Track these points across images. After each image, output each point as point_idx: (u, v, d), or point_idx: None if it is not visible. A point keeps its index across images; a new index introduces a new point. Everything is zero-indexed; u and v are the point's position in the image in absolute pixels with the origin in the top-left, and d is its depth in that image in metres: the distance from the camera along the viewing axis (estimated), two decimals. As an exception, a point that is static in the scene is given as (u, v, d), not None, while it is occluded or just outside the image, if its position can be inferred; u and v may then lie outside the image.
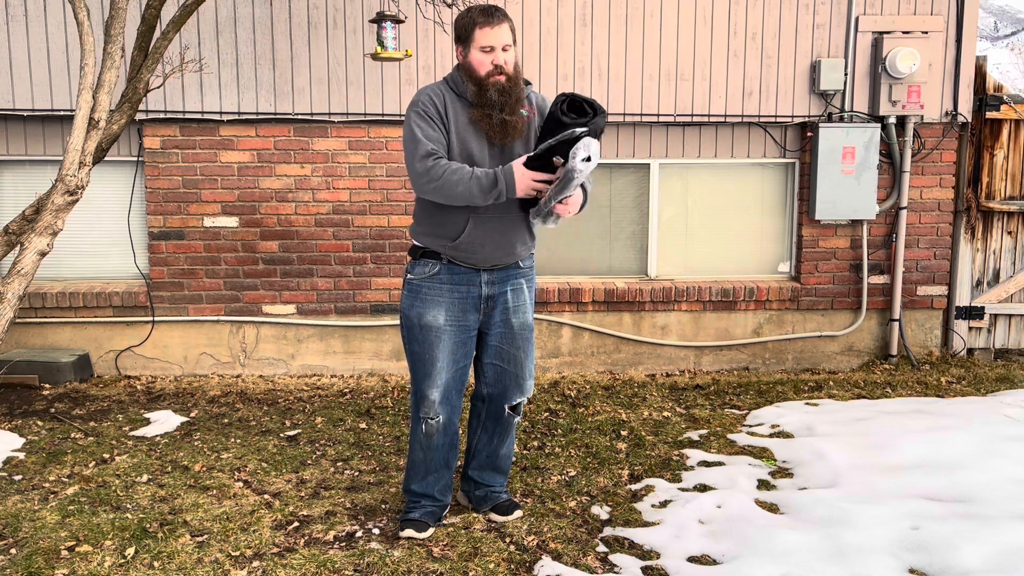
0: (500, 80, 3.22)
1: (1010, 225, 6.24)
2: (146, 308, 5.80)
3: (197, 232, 5.78)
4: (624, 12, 5.75)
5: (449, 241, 3.32)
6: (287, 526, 3.59)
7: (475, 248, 3.32)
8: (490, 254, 3.35)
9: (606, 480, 4.08)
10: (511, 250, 3.39)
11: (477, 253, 3.33)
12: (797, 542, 3.36)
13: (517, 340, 3.50)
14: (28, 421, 4.86)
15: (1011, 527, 3.38)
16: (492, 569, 3.24)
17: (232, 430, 4.78)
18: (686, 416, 5.05)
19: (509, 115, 3.23)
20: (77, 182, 4.14)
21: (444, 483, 3.56)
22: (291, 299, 5.88)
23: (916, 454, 4.17)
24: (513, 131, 3.26)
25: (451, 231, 3.30)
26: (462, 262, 3.35)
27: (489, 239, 3.32)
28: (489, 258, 3.36)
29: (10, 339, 5.76)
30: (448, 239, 3.32)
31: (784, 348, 6.17)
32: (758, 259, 6.26)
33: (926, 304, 6.21)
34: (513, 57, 3.27)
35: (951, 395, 5.42)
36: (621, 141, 5.97)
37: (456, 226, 3.29)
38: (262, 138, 5.73)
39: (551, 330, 6.02)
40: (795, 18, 5.84)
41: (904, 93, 5.81)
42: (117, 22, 4.21)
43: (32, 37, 5.53)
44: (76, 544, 3.39)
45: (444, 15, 5.43)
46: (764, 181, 6.18)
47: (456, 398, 3.46)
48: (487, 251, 3.34)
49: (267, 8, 5.58)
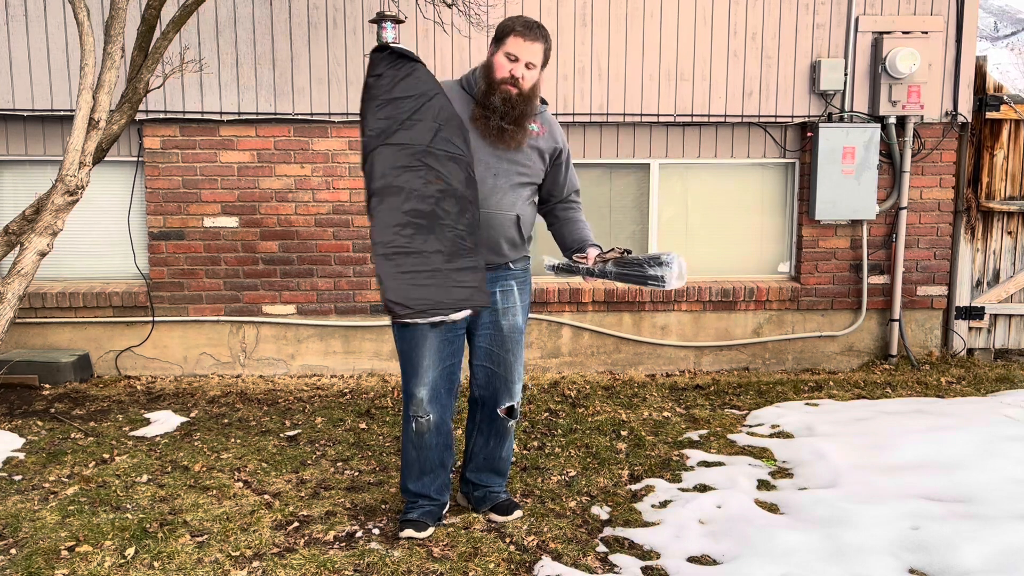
0: (510, 90, 3.24)
1: (1010, 225, 6.24)
2: (146, 308, 5.80)
3: (197, 232, 5.78)
4: (624, 12, 5.75)
5: None
6: (287, 526, 3.59)
7: None
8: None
9: (606, 480, 4.08)
10: (498, 249, 3.39)
11: None
12: (797, 542, 3.36)
13: (506, 343, 3.50)
14: (28, 421, 4.86)
15: (1011, 527, 3.38)
16: (492, 569, 3.24)
17: (232, 430, 4.78)
18: (686, 416, 5.05)
19: (509, 125, 3.24)
20: (77, 182, 4.14)
21: (441, 482, 3.56)
22: (291, 299, 5.88)
23: (916, 454, 4.17)
24: (511, 140, 3.28)
25: None
26: None
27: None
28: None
29: (10, 339, 5.76)
30: None
31: (784, 348, 6.17)
32: (758, 259, 6.26)
33: (926, 304, 6.22)
34: (534, 76, 3.29)
35: (951, 395, 5.42)
36: (621, 141, 5.97)
37: None
38: (262, 138, 5.73)
39: (551, 330, 6.02)
40: (795, 18, 5.84)
41: (904, 93, 5.81)
42: (117, 22, 4.20)
43: (32, 37, 5.53)
44: (76, 544, 3.39)
45: (444, 15, 5.44)
46: (764, 181, 6.18)
47: (446, 397, 3.46)
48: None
49: (267, 8, 5.58)
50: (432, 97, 3.20)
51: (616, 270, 3.23)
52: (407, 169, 3.14)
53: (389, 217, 3.10)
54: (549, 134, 3.43)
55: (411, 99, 3.18)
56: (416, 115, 3.18)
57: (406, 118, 3.17)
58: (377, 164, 3.14)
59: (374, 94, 3.19)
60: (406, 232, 3.10)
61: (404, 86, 3.19)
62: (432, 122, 3.18)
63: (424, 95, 3.19)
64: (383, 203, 3.11)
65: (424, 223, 3.13)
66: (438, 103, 3.20)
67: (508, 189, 3.35)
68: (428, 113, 3.18)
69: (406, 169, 3.13)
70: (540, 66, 3.31)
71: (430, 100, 3.19)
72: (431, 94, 3.20)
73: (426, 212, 3.13)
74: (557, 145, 3.46)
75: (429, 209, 3.13)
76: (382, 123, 3.17)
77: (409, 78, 3.19)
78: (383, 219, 3.09)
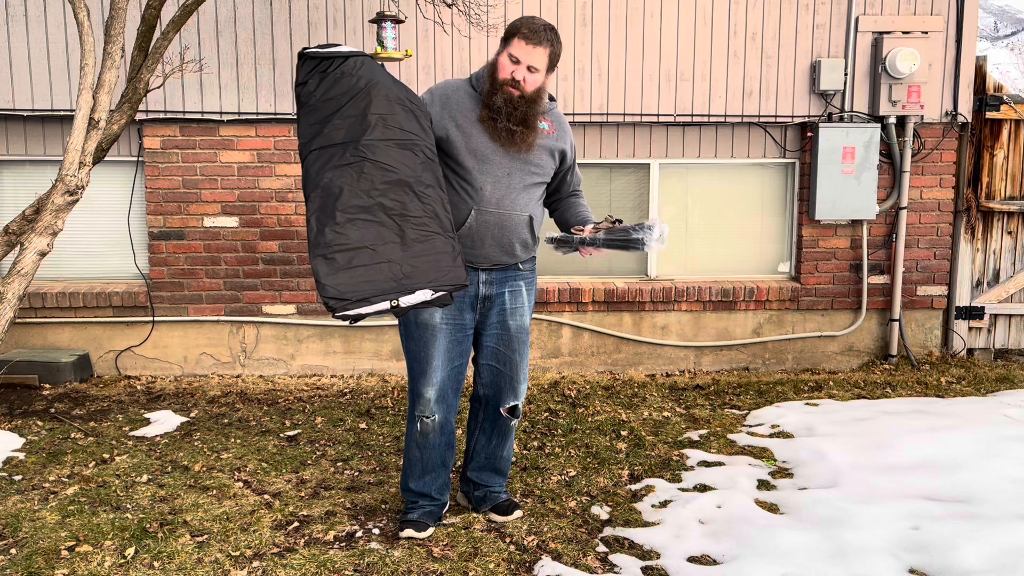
0: (512, 92, 3.24)
1: (1010, 225, 6.24)
2: (146, 308, 5.80)
3: (197, 232, 5.78)
4: (624, 12, 5.75)
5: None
6: (287, 526, 3.59)
7: (475, 242, 3.33)
8: (489, 251, 3.35)
9: (606, 480, 4.08)
10: (511, 250, 3.40)
11: (477, 248, 3.34)
12: (797, 542, 3.36)
13: (513, 343, 3.50)
14: (28, 421, 4.86)
15: (1011, 527, 3.38)
16: (492, 569, 3.24)
17: (232, 430, 4.78)
18: (686, 416, 5.05)
19: (516, 126, 3.24)
20: (77, 182, 4.14)
21: (441, 482, 3.57)
22: (291, 299, 5.88)
23: (916, 454, 4.17)
24: (521, 143, 3.28)
25: (455, 220, 3.31)
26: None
27: (489, 233, 3.32)
28: (488, 256, 3.36)
29: (10, 339, 5.76)
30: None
31: (784, 348, 6.17)
32: (758, 259, 6.26)
33: (926, 304, 6.22)
34: (538, 80, 3.28)
35: (951, 395, 5.42)
36: (621, 141, 5.97)
37: (459, 215, 3.30)
38: (262, 138, 5.73)
39: (551, 330, 6.02)
40: (795, 18, 5.84)
41: (904, 93, 5.81)
42: (117, 22, 4.20)
43: (32, 37, 5.53)
44: (76, 544, 3.39)
45: (444, 15, 5.44)
46: (764, 181, 6.18)
47: (452, 397, 3.46)
48: (487, 247, 3.34)
49: (267, 8, 5.58)
50: (367, 89, 3.13)
51: (605, 237, 3.28)
52: (339, 167, 3.08)
53: (324, 218, 3.05)
54: (558, 133, 3.44)
55: (339, 98, 3.13)
56: (346, 112, 3.11)
57: (335, 118, 3.12)
58: (310, 169, 3.12)
59: (302, 102, 3.17)
60: (345, 229, 3.03)
61: (330, 88, 3.14)
62: (369, 115, 3.11)
63: (355, 91, 3.12)
64: (317, 206, 3.07)
65: (368, 218, 3.06)
66: (377, 93, 3.13)
67: (521, 190, 3.35)
68: (362, 107, 3.11)
69: (338, 168, 3.08)
70: (545, 70, 3.29)
71: (363, 93, 3.12)
72: (366, 87, 3.13)
73: (367, 207, 3.06)
74: (566, 146, 3.47)
75: (372, 203, 3.06)
76: (312, 128, 3.14)
77: (338, 79, 3.14)
78: (319, 221, 3.05)
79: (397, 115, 3.15)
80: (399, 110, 3.15)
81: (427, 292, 3.05)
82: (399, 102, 3.16)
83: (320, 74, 3.16)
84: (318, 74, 3.16)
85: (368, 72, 3.16)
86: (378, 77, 3.17)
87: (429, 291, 3.05)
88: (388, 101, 3.15)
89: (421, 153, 3.15)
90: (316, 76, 3.16)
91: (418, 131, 3.17)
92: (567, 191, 3.60)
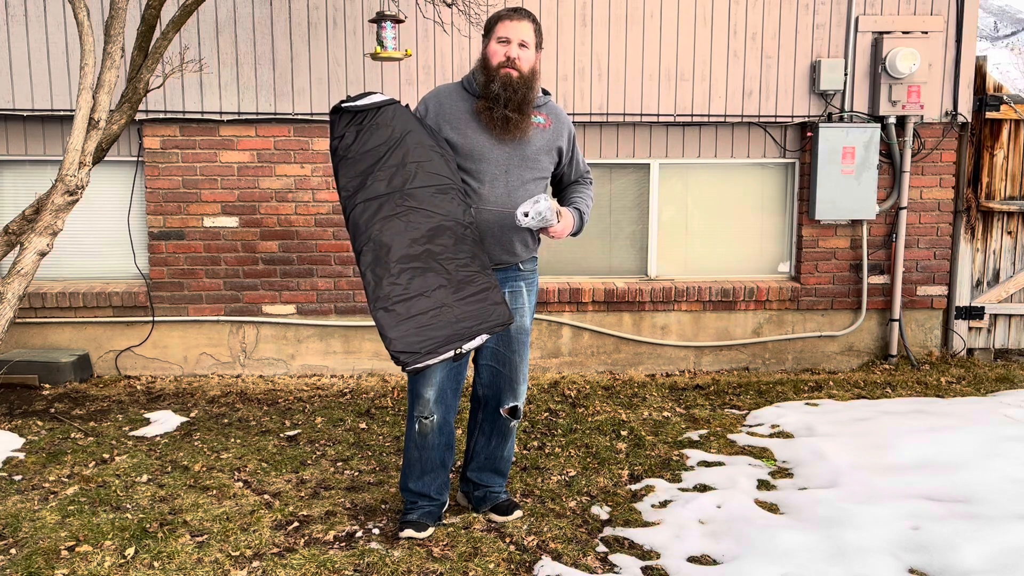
0: (510, 73, 3.25)
1: (1010, 225, 6.24)
2: (146, 308, 5.80)
3: (197, 232, 5.78)
4: (624, 12, 5.75)
5: None
6: (287, 526, 3.59)
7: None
8: (490, 249, 3.35)
9: (606, 480, 4.08)
10: (511, 249, 3.40)
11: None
12: (797, 542, 3.36)
13: (513, 343, 3.50)
14: (28, 421, 4.86)
15: (1011, 527, 3.38)
16: (492, 569, 3.24)
17: (232, 430, 4.78)
18: (686, 416, 5.05)
19: (513, 112, 3.24)
20: (77, 182, 4.14)
21: (441, 482, 3.56)
22: (291, 299, 5.88)
23: (916, 454, 4.17)
24: (516, 129, 3.28)
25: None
26: None
27: (489, 232, 3.33)
28: (490, 255, 3.36)
29: (10, 339, 5.76)
30: None
31: (784, 348, 6.17)
32: (758, 259, 6.26)
33: (926, 304, 6.22)
34: (530, 57, 3.30)
35: (951, 395, 5.42)
36: (621, 141, 5.97)
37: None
38: (262, 138, 5.73)
39: (551, 330, 6.02)
40: (795, 18, 5.84)
41: (904, 93, 5.82)
42: (117, 22, 4.20)
43: (32, 37, 5.53)
44: (76, 544, 3.39)
45: (444, 15, 5.44)
46: (764, 181, 6.18)
47: (452, 398, 3.46)
48: (488, 247, 3.34)
49: (267, 8, 5.58)
50: (403, 139, 3.20)
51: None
52: (387, 218, 3.15)
53: (380, 271, 3.10)
54: (555, 126, 3.44)
55: (378, 149, 3.19)
56: (387, 162, 3.18)
57: (377, 170, 3.17)
58: (358, 221, 3.16)
59: (340, 155, 3.22)
60: (401, 280, 3.10)
61: (368, 140, 3.20)
62: (408, 164, 3.19)
63: (392, 140, 3.20)
64: (370, 260, 3.12)
65: (419, 265, 3.13)
66: (412, 141, 3.21)
67: (520, 186, 3.35)
68: (400, 157, 3.19)
69: (387, 219, 3.14)
70: (535, 46, 3.32)
71: (401, 143, 3.20)
72: (401, 136, 3.21)
73: (418, 255, 3.14)
74: (563, 140, 3.47)
75: (421, 251, 3.14)
76: (354, 181, 3.19)
77: (374, 130, 3.20)
78: (375, 275, 3.10)
79: (433, 161, 3.22)
80: (434, 156, 3.23)
81: (484, 336, 3.14)
82: (432, 148, 3.24)
83: (356, 126, 3.21)
84: (355, 127, 3.21)
85: (402, 122, 3.24)
86: (411, 125, 3.25)
87: (485, 335, 3.15)
88: (423, 148, 3.22)
89: (456, 195, 3.23)
90: (352, 129, 3.21)
91: (450, 175, 3.24)
92: (568, 181, 3.62)
